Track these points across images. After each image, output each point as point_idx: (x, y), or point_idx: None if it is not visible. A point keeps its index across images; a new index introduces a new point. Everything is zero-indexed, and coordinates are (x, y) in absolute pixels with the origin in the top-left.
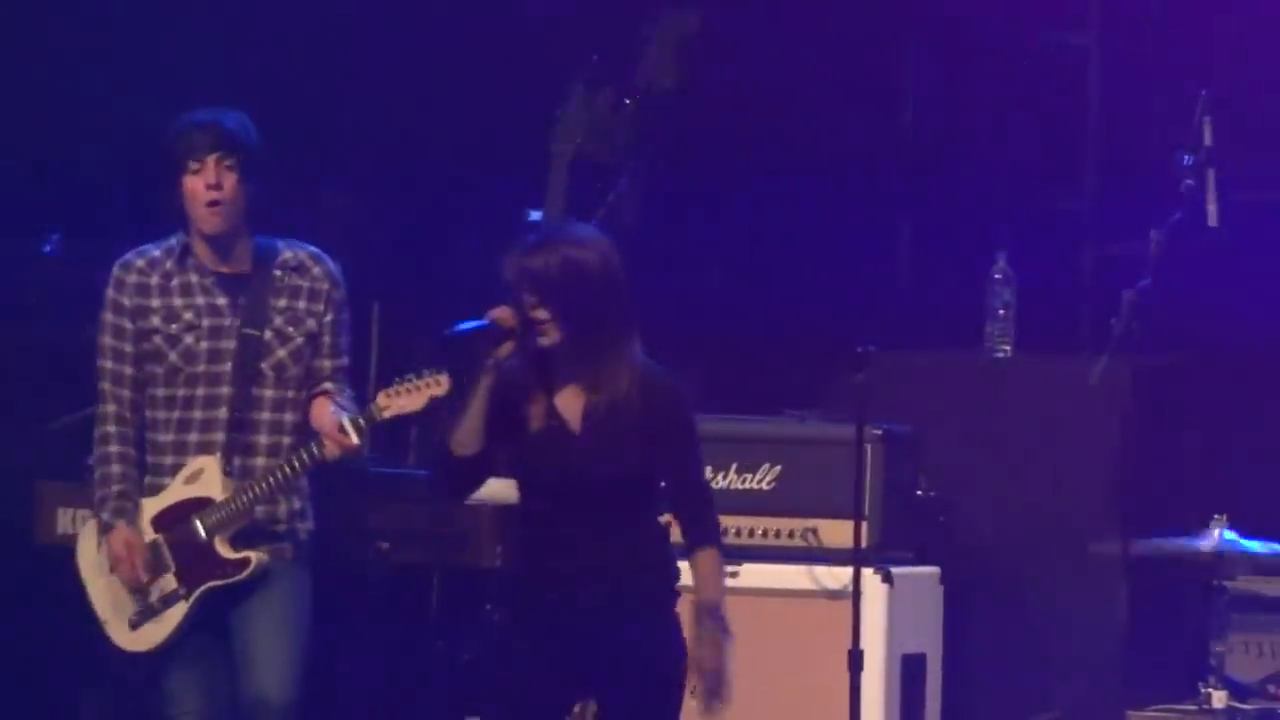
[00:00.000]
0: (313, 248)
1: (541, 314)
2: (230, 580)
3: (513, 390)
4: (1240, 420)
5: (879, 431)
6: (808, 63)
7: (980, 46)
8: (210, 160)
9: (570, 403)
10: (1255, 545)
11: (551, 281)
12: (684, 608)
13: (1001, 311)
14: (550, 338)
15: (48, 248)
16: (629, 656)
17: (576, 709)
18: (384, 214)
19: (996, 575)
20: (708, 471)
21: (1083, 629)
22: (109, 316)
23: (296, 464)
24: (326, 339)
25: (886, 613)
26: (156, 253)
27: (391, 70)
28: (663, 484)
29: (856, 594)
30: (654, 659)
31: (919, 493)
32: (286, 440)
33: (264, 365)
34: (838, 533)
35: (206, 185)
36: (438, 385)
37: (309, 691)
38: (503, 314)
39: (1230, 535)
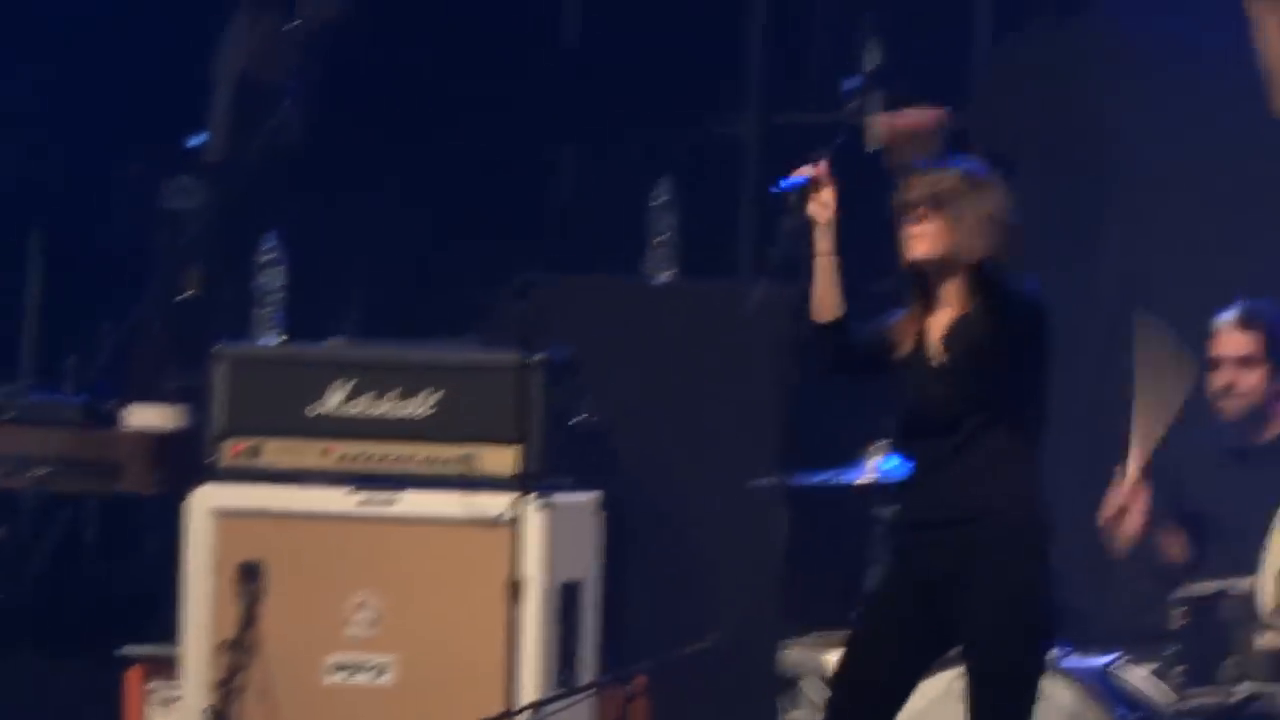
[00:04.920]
0: None
1: (927, 224)
2: None
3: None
4: None
5: (540, 357)
6: None
7: None
8: None
9: (938, 325)
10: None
11: (953, 194)
12: None
13: (662, 237)
14: (924, 248)
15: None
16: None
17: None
18: (47, 147)
19: (657, 503)
20: (367, 399)
21: (742, 559)
22: None
23: None
24: None
25: (546, 540)
26: None
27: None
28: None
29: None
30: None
31: (580, 418)
32: None
33: None
34: (497, 459)
35: None
36: None
37: None
38: (820, 168)
39: (889, 464)
